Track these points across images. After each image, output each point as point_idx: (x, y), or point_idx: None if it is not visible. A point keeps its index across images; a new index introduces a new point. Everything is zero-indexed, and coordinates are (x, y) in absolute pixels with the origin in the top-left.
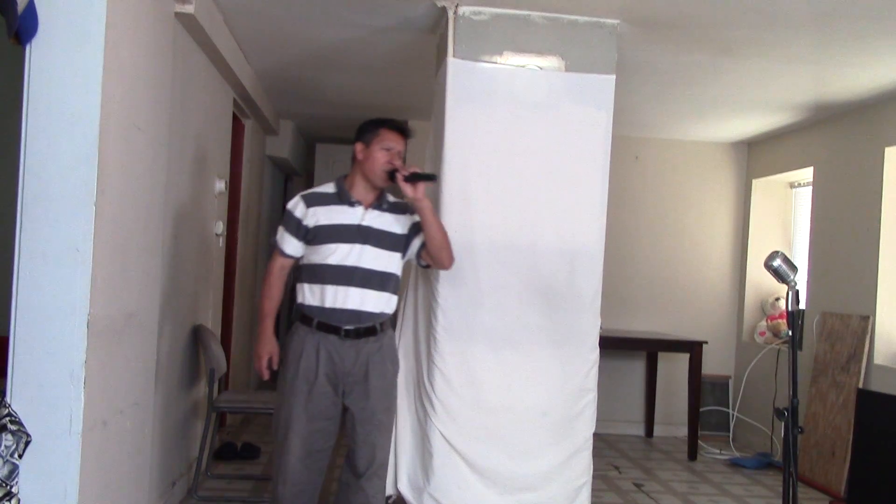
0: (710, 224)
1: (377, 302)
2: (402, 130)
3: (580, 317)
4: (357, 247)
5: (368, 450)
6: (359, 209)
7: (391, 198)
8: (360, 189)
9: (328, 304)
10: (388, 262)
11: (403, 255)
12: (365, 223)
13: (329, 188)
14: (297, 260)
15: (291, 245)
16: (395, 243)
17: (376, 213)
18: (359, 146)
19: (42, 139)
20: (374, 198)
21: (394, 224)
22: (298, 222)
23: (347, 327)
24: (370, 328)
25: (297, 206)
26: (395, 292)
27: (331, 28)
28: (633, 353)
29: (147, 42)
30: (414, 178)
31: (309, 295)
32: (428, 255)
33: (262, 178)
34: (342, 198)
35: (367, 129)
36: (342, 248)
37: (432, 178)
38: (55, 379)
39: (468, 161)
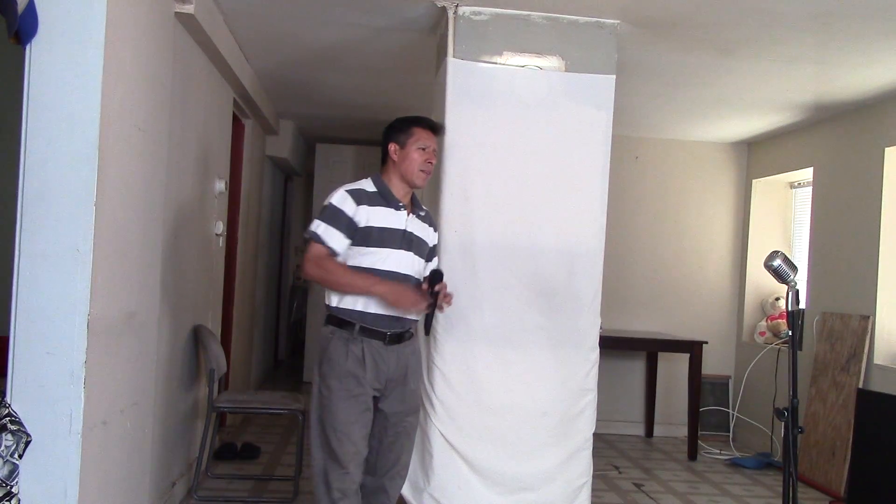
0: (710, 224)
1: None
2: (434, 128)
3: (580, 317)
4: (403, 253)
5: (396, 452)
6: (403, 213)
7: (422, 205)
8: (398, 191)
9: (372, 309)
10: (421, 269)
11: None
12: (409, 229)
13: (368, 186)
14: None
15: (338, 241)
16: (425, 252)
17: (416, 219)
18: (392, 147)
19: (42, 139)
20: (410, 201)
21: (428, 234)
22: (350, 220)
23: (390, 332)
24: (408, 332)
25: (344, 201)
26: None
27: (331, 28)
28: (633, 353)
29: (147, 42)
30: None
31: (349, 299)
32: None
33: (262, 178)
34: (388, 200)
35: (400, 129)
36: (392, 253)
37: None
38: (55, 379)
39: (468, 161)
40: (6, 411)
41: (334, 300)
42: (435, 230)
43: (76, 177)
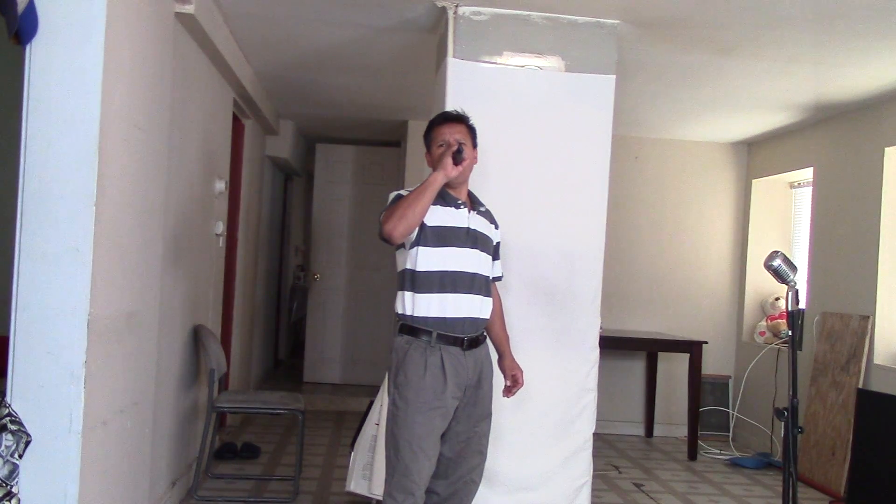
0: (710, 224)
1: (487, 308)
2: (449, 119)
3: (580, 317)
4: (469, 251)
5: (467, 458)
6: (464, 211)
7: (487, 206)
8: (453, 190)
9: (450, 314)
10: (489, 266)
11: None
12: (472, 226)
13: None
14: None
15: None
16: (491, 249)
17: (478, 216)
18: (427, 157)
19: (42, 139)
20: (467, 199)
21: (491, 231)
22: None
23: (468, 337)
24: (482, 335)
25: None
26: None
27: (331, 28)
28: (633, 353)
29: (147, 42)
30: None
31: (424, 305)
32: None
33: (262, 178)
34: (446, 199)
35: (425, 137)
36: (458, 252)
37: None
38: (55, 379)
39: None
40: (6, 411)
41: (408, 308)
42: (496, 227)
43: (76, 177)
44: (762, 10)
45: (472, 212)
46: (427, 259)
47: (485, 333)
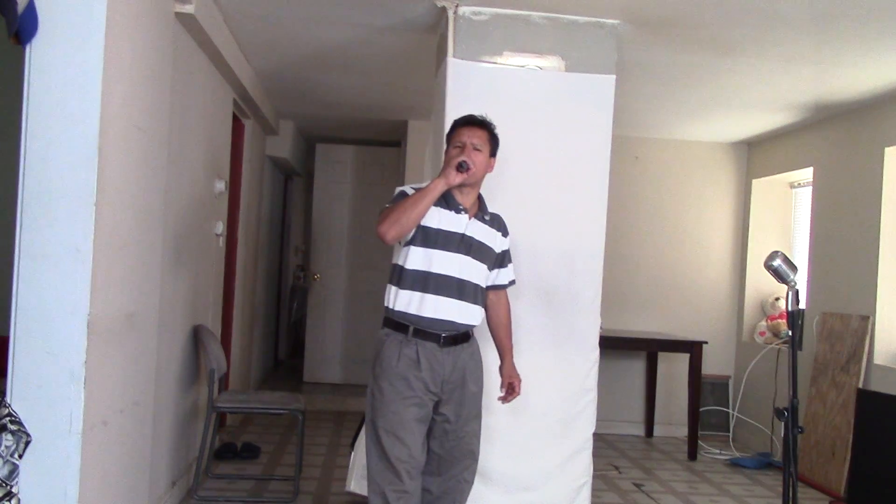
0: (710, 224)
1: (473, 314)
2: (469, 122)
3: (580, 317)
4: (460, 257)
5: (458, 458)
6: (464, 217)
7: (490, 209)
8: (459, 194)
9: (427, 313)
10: (483, 274)
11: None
12: (468, 233)
13: None
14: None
15: None
16: (490, 258)
17: (479, 223)
18: (445, 155)
19: (42, 139)
20: (475, 205)
21: (493, 239)
22: None
23: (445, 334)
24: (465, 334)
25: (410, 190)
26: (484, 305)
27: (331, 28)
28: (633, 353)
29: (147, 42)
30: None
31: (405, 301)
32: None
33: (262, 178)
34: (449, 203)
35: (447, 135)
36: (447, 256)
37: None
38: (55, 379)
39: None
40: (6, 411)
41: (390, 301)
42: (504, 235)
43: (76, 177)
44: (762, 10)
45: (472, 219)
46: (415, 258)
47: (468, 334)
